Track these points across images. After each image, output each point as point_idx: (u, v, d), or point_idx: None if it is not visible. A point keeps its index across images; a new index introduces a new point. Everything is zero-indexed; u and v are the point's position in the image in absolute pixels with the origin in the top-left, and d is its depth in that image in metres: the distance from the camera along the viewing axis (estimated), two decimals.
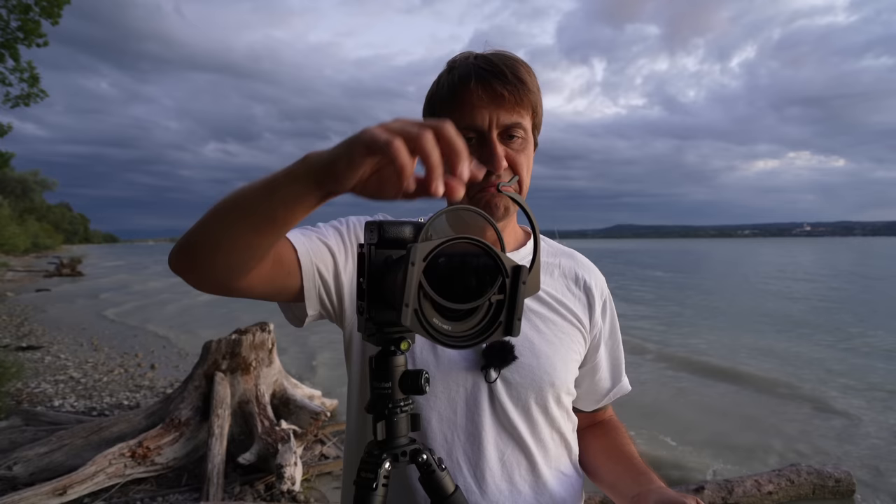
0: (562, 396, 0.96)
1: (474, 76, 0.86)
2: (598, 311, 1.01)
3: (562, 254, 1.04)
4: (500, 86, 0.86)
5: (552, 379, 0.93)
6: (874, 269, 32.17)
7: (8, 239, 39.78)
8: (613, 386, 1.06)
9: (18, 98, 12.86)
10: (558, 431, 0.98)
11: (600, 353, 1.03)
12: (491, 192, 0.88)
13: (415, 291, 0.65)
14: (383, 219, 0.80)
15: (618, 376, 1.07)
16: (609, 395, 1.07)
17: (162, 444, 3.81)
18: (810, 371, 7.86)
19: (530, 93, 0.88)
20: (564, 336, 0.96)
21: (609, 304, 1.04)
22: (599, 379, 1.04)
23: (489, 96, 0.86)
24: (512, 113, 0.87)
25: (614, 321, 1.05)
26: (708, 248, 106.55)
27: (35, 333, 10.53)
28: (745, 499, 3.53)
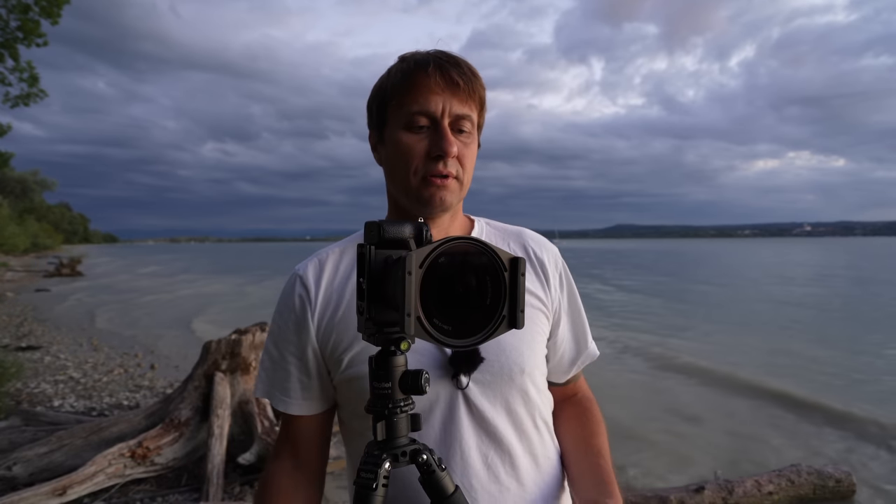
0: (536, 378, 0.97)
1: (433, 62, 0.88)
2: (554, 284, 1.01)
3: (510, 235, 1.04)
4: (457, 74, 0.87)
5: (522, 366, 0.93)
6: (873, 270, 32.15)
7: (8, 239, 39.76)
8: (580, 353, 1.06)
9: (18, 98, 12.86)
10: (540, 417, 0.99)
11: (563, 324, 1.03)
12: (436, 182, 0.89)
13: (415, 300, 0.65)
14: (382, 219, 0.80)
15: (583, 343, 1.06)
16: (578, 363, 1.07)
17: (162, 444, 3.81)
18: (810, 371, 7.87)
19: (481, 88, 0.90)
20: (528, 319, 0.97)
21: (565, 275, 1.04)
22: (566, 349, 1.04)
23: (445, 83, 0.87)
24: (464, 104, 0.89)
25: (572, 290, 1.04)
26: (706, 248, 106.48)
27: (35, 333, 10.53)
28: (746, 499, 3.53)
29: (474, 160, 0.94)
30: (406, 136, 0.89)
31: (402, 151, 0.89)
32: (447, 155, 0.87)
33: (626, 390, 6.73)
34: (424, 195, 0.90)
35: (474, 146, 0.93)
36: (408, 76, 0.88)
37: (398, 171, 0.91)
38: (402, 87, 0.88)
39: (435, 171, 0.88)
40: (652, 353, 8.89)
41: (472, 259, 0.70)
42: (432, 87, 0.87)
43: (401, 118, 0.89)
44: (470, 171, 0.93)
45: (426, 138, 0.88)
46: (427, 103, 0.87)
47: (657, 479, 4.24)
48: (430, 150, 0.88)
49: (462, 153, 0.90)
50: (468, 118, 0.90)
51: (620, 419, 5.38)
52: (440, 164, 0.88)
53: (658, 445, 4.97)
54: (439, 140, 0.87)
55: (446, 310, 0.69)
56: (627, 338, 10.10)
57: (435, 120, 0.88)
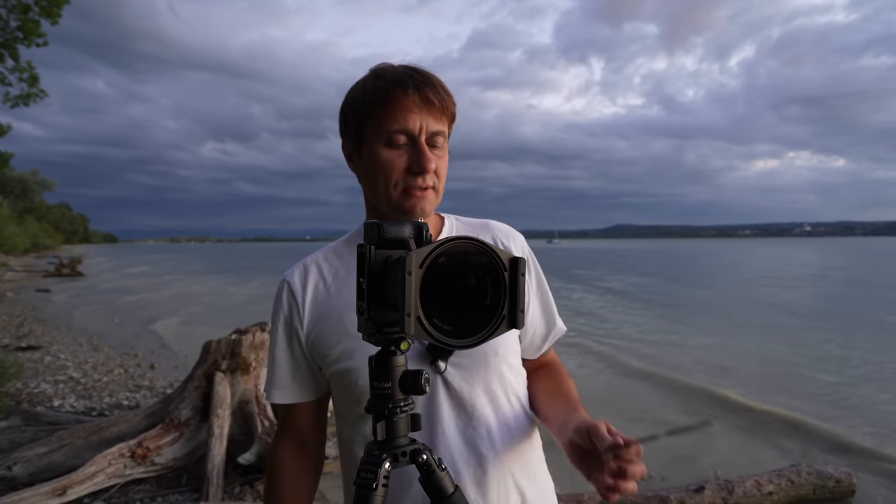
0: (510, 359, 1.04)
1: (410, 83, 0.94)
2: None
3: (478, 227, 1.13)
4: (432, 94, 0.94)
5: (496, 349, 1.00)
6: (866, 271, 32.08)
7: (8, 239, 39.76)
8: (549, 331, 1.14)
9: (18, 98, 12.86)
10: (513, 393, 1.06)
11: (532, 306, 1.10)
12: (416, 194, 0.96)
13: (415, 301, 0.65)
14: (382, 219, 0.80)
15: (552, 321, 1.14)
16: (548, 340, 1.14)
17: (162, 444, 3.81)
18: (809, 371, 7.87)
19: (452, 105, 0.98)
20: None
21: (532, 262, 1.11)
22: (537, 328, 1.12)
23: (422, 102, 0.94)
24: (438, 121, 0.96)
25: (539, 274, 1.12)
26: (704, 248, 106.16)
27: (35, 333, 10.53)
28: (746, 499, 3.53)
29: (447, 171, 1.02)
30: (386, 152, 0.95)
31: (383, 167, 0.95)
32: (426, 171, 0.94)
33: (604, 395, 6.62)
34: (405, 206, 0.96)
35: (446, 157, 1.01)
36: (386, 94, 0.93)
37: (379, 183, 0.97)
38: (381, 106, 0.94)
39: (415, 184, 0.95)
40: (619, 359, 8.88)
41: (472, 259, 0.70)
42: (410, 106, 0.93)
43: (380, 135, 0.95)
44: (444, 180, 1.00)
45: (405, 154, 0.95)
46: (406, 122, 0.93)
47: (657, 478, 4.24)
48: (410, 166, 0.94)
49: (438, 166, 0.97)
50: (441, 133, 0.97)
51: (615, 422, 5.38)
52: (419, 178, 0.95)
53: (657, 445, 4.97)
54: (419, 157, 0.94)
55: (446, 310, 0.69)
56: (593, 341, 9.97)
57: (413, 137, 0.95)
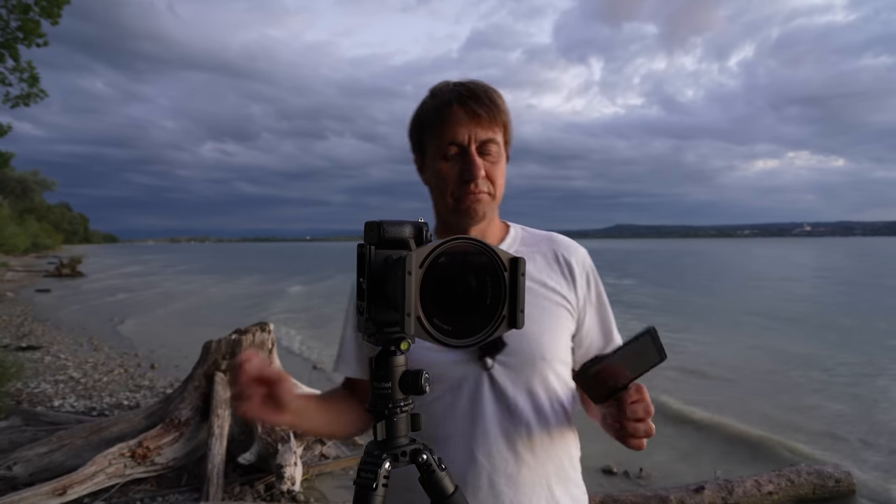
0: (556, 367, 1.08)
1: (455, 99, 1.03)
2: (580, 283, 1.13)
3: (542, 239, 1.17)
4: (478, 106, 1.02)
5: (542, 353, 1.05)
6: (862, 272, 32.01)
7: (8, 239, 39.74)
8: (606, 345, 1.15)
9: (18, 98, 12.85)
10: (557, 401, 1.10)
11: (588, 320, 1.14)
12: (470, 198, 1.03)
13: (415, 300, 0.65)
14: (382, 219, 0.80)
15: (609, 336, 1.16)
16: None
17: (162, 444, 3.81)
18: (807, 371, 7.87)
19: (502, 113, 1.05)
20: (550, 314, 1.08)
21: (592, 275, 1.15)
22: (592, 341, 1.15)
23: (469, 116, 1.02)
24: (487, 130, 1.03)
25: (599, 289, 1.16)
26: (700, 248, 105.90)
27: (35, 333, 10.54)
28: (746, 499, 3.53)
29: (503, 173, 1.08)
30: (442, 164, 1.05)
31: (440, 177, 1.05)
32: (475, 178, 1.02)
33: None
34: (462, 208, 1.05)
35: (502, 161, 1.07)
36: (438, 112, 1.04)
37: (440, 193, 1.08)
38: (435, 122, 1.05)
39: (468, 191, 1.03)
40: None
41: (472, 259, 0.70)
42: (459, 120, 1.02)
43: (436, 149, 1.05)
44: (500, 184, 1.07)
45: (458, 164, 1.03)
46: (455, 135, 1.02)
47: (657, 478, 4.24)
48: (462, 174, 1.03)
49: (490, 171, 1.04)
50: (493, 141, 1.04)
51: None
52: (472, 185, 1.03)
53: (658, 444, 4.97)
54: (469, 166, 1.02)
55: (446, 310, 0.69)
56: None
57: (464, 148, 1.03)
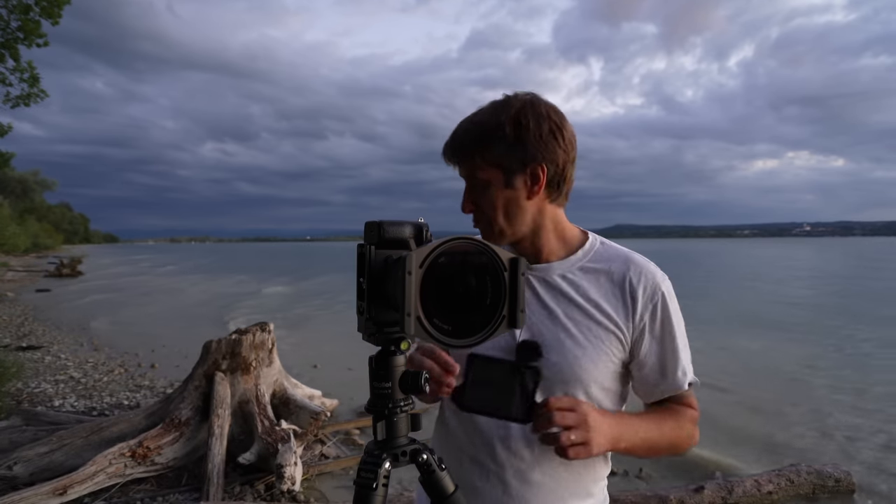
0: (591, 391, 1.07)
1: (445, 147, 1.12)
2: (641, 312, 1.09)
3: (616, 258, 1.13)
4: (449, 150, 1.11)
5: (578, 376, 1.05)
6: (857, 271, 31.90)
7: (8, 239, 39.72)
8: (661, 382, 1.11)
9: (19, 98, 12.85)
10: None
11: (645, 350, 1.10)
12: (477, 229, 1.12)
13: (414, 300, 0.65)
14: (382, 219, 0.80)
15: (667, 374, 1.11)
16: (659, 390, 1.13)
17: (162, 443, 3.81)
18: (807, 371, 7.86)
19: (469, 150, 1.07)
20: (596, 339, 1.07)
21: (662, 306, 1.10)
22: (647, 373, 1.11)
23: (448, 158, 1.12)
24: (464, 168, 1.09)
25: (667, 321, 1.10)
26: (697, 248, 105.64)
27: (35, 333, 10.53)
28: (745, 499, 3.53)
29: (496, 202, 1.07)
30: None
31: None
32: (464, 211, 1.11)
33: None
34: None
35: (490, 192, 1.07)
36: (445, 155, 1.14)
37: None
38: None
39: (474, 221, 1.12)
40: None
41: (472, 259, 0.70)
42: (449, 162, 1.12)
43: None
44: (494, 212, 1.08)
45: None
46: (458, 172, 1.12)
47: (657, 478, 4.24)
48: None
49: (478, 202, 1.09)
50: (472, 175, 1.08)
51: None
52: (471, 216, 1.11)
53: None
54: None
55: (446, 309, 0.69)
56: None
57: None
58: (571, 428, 0.91)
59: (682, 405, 1.14)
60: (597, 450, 0.93)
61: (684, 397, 1.13)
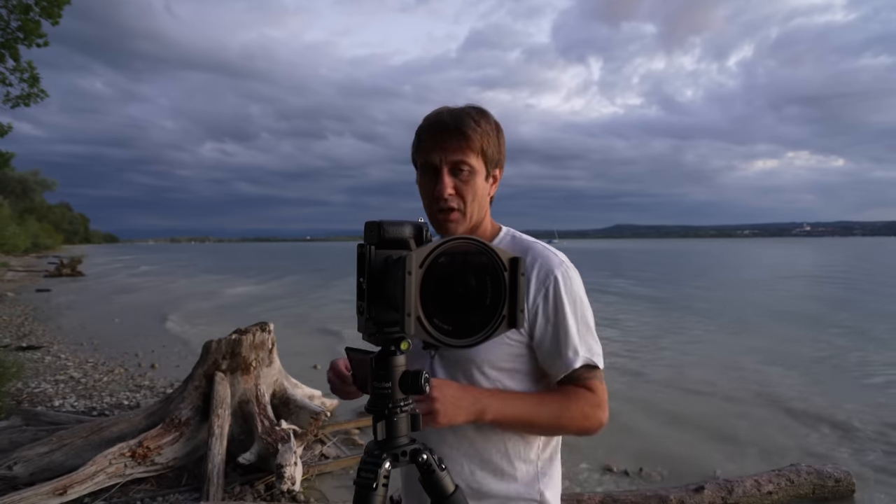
0: (485, 369, 1.17)
1: (429, 127, 1.19)
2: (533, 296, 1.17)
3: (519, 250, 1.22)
4: (445, 134, 1.15)
5: (472, 357, 1.15)
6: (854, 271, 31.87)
7: (8, 239, 39.71)
8: (556, 362, 1.18)
9: (19, 98, 12.85)
10: None
11: (539, 333, 1.17)
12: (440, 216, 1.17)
13: (415, 300, 0.65)
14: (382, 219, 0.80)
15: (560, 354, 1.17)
16: (555, 370, 1.19)
17: (162, 443, 3.82)
18: (807, 371, 7.86)
19: (468, 138, 1.15)
20: None
21: (552, 289, 1.17)
22: (544, 355, 1.19)
23: (437, 141, 1.17)
24: (456, 153, 1.15)
25: (559, 304, 1.17)
26: (693, 248, 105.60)
27: (35, 333, 10.53)
28: (745, 499, 3.53)
29: (477, 192, 1.18)
30: (421, 179, 1.21)
31: (420, 192, 1.22)
32: (441, 196, 1.15)
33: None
34: (436, 225, 1.19)
35: (474, 182, 1.18)
36: (418, 137, 1.21)
37: (423, 205, 1.22)
38: (416, 145, 1.22)
39: (438, 206, 1.16)
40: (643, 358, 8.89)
41: (472, 259, 0.70)
42: (433, 144, 1.17)
43: (420, 167, 1.22)
44: (472, 201, 1.18)
45: (430, 182, 1.18)
46: (428, 157, 1.17)
47: (657, 478, 4.24)
48: (433, 191, 1.16)
49: (460, 189, 1.16)
50: (462, 162, 1.16)
51: (615, 420, 5.38)
52: (441, 201, 1.15)
53: (657, 444, 4.97)
54: (437, 184, 1.16)
55: (446, 309, 0.69)
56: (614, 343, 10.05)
57: (435, 168, 1.17)
58: (419, 401, 0.99)
59: (580, 387, 1.19)
60: (444, 419, 1.00)
61: (583, 379, 1.18)
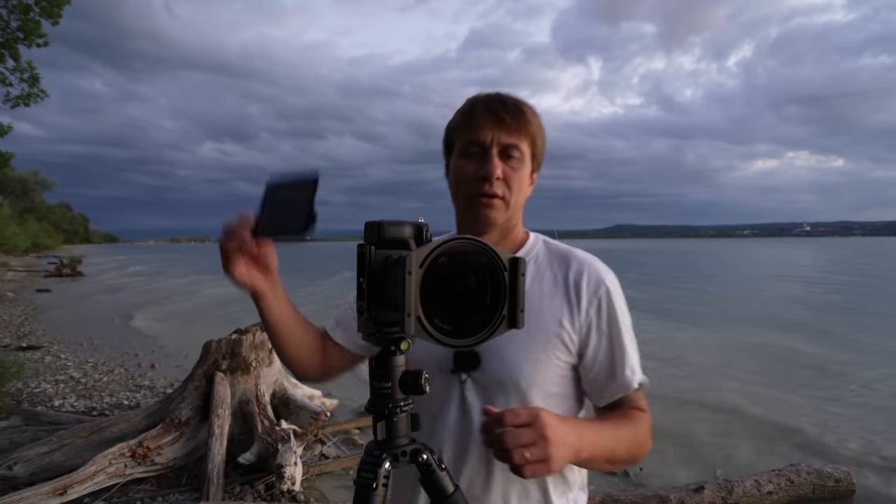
0: (532, 397, 1.03)
1: (482, 102, 1.06)
2: (585, 308, 1.05)
3: (557, 257, 1.11)
4: (503, 111, 1.03)
5: (517, 381, 1.02)
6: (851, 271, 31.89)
7: (8, 239, 39.72)
8: (611, 383, 1.06)
9: (19, 98, 12.85)
10: None
11: (591, 350, 1.05)
12: (482, 201, 1.03)
13: (415, 300, 0.65)
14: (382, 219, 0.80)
15: (616, 373, 1.06)
16: (609, 392, 1.07)
17: (162, 443, 3.82)
18: (805, 371, 7.86)
19: (528, 123, 1.05)
20: (536, 343, 1.03)
21: (605, 300, 1.06)
22: (596, 375, 1.06)
23: (493, 119, 1.03)
24: (511, 135, 1.03)
25: (614, 317, 1.06)
26: (701, 248, 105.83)
27: (35, 333, 10.53)
28: (745, 499, 3.53)
29: (522, 184, 1.07)
30: (461, 161, 1.06)
31: (458, 174, 1.07)
32: (491, 176, 1.01)
33: None
34: (473, 212, 1.05)
35: (522, 171, 1.06)
36: (466, 115, 1.07)
37: (455, 190, 1.09)
38: (462, 125, 1.07)
39: (482, 191, 1.02)
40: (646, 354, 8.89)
41: (472, 259, 0.70)
42: (484, 122, 1.04)
43: (460, 148, 1.07)
44: (518, 192, 1.06)
45: (476, 163, 1.04)
46: (477, 135, 1.04)
47: (657, 478, 4.24)
48: (478, 172, 1.03)
49: (508, 175, 1.04)
50: (516, 147, 1.04)
51: None
52: (486, 185, 1.02)
53: (658, 444, 4.97)
54: (486, 164, 1.02)
55: (446, 310, 0.69)
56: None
57: (484, 148, 1.03)
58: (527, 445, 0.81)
59: (635, 409, 1.08)
60: (558, 465, 0.83)
61: (635, 400, 1.08)
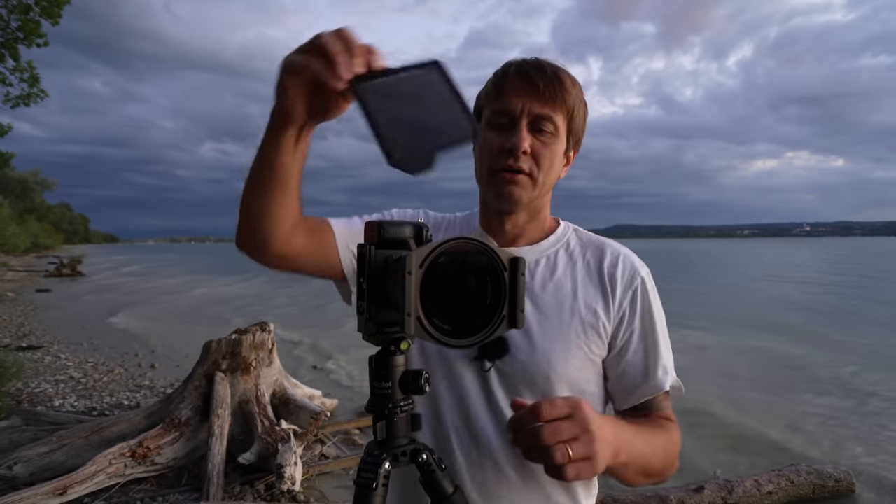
0: (560, 387, 0.94)
1: (515, 67, 0.94)
2: (619, 298, 0.97)
3: (590, 246, 1.03)
4: (537, 77, 0.92)
5: (546, 373, 0.93)
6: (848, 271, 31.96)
7: (8, 239, 39.73)
8: (642, 383, 0.97)
9: (19, 98, 12.85)
10: None
11: (622, 344, 0.98)
12: (505, 177, 0.93)
13: (415, 300, 0.65)
14: (381, 218, 0.80)
15: (648, 372, 0.97)
16: (638, 392, 0.98)
17: (162, 443, 3.82)
18: (804, 371, 7.86)
19: (566, 93, 0.93)
20: (569, 332, 0.95)
21: (640, 292, 0.98)
22: (626, 372, 0.98)
23: (525, 85, 0.92)
24: (545, 105, 0.92)
25: (648, 310, 0.98)
26: (701, 248, 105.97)
27: (35, 333, 10.53)
28: (745, 499, 3.53)
29: (554, 161, 0.95)
30: (488, 132, 0.95)
31: (483, 147, 0.96)
32: (517, 149, 0.91)
33: None
34: (496, 189, 0.95)
35: (555, 147, 0.95)
36: (496, 81, 0.96)
37: (479, 164, 0.98)
38: (491, 91, 0.96)
39: (506, 164, 0.92)
40: None
41: (472, 259, 0.70)
42: (512, 89, 0.93)
43: (487, 117, 0.96)
44: (548, 170, 0.95)
45: (503, 134, 0.93)
46: (506, 104, 0.93)
47: None
48: (504, 144, 0.92)
49: (538, 150, 0.93)
50: (549, 119, 0.93)
51: None
52: (511, 158, 0.92)
53: None
54: (513, 135, 0.92)
55: (446, 309, 0.69)
56: None
57: (513, 118, 0.93)
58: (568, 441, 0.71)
59: (664, 417, 0.98)
60: (602, 465, 0.73)
61: (663, 407, 0.98)
